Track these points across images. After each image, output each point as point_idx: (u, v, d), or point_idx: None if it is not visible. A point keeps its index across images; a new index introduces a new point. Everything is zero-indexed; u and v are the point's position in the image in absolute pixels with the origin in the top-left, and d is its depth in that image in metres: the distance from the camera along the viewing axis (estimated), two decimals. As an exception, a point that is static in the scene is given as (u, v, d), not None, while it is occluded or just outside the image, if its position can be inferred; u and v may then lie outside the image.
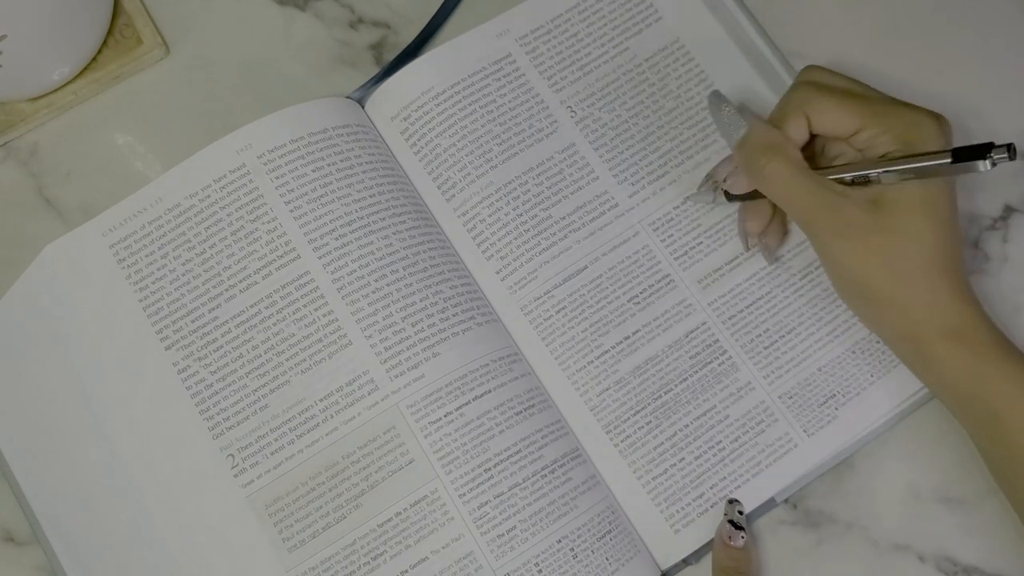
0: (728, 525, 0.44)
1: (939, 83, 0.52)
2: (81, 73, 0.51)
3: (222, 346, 0.46)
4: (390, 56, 0.52)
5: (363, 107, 0.50)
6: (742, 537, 0.44)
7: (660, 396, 0.47)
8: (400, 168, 0.49)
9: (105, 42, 0.51)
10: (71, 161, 0.51)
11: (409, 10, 0.53)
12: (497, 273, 0.48)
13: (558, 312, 0.47)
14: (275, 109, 0.48)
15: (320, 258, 0.46)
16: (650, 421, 0.46)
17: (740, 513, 0.45)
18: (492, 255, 0.48)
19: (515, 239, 0.48)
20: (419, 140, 0.49)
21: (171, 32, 0.52)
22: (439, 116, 0.49)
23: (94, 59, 0.51)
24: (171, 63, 0.52)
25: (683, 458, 0.46)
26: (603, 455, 0.46)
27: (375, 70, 0.52)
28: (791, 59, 0.51)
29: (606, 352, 0.47)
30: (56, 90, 0.50)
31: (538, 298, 0.48)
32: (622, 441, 0.46)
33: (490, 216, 0.48)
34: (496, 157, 0.49)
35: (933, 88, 0.51)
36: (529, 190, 0.49)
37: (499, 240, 0.48)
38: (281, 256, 0.46)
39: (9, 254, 0.49)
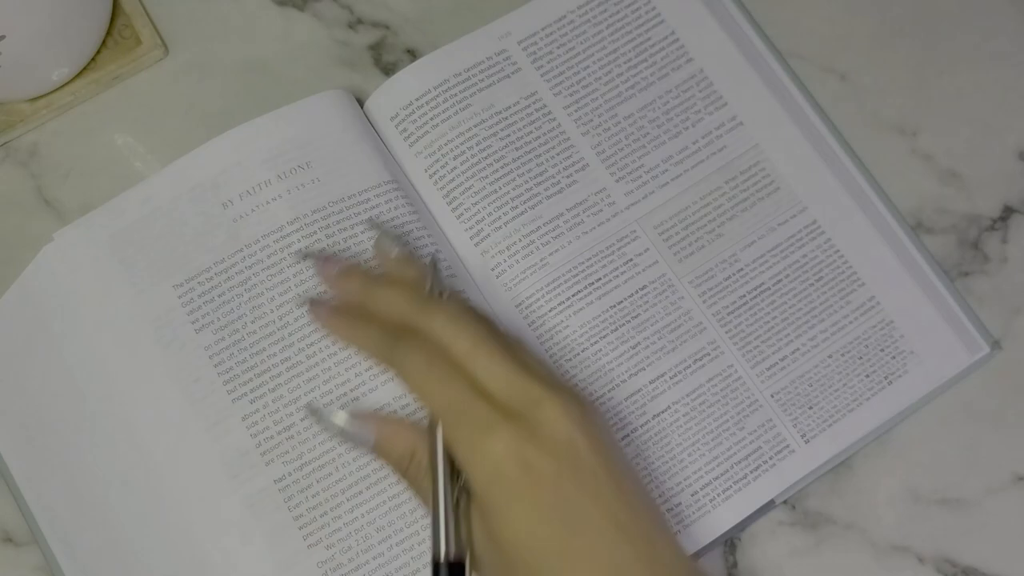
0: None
1: (939, 83, 0.52)
2: (80, 73, 0.51)
3: (221, 347, 0.46)
4: (390, 56, 0.52)
5: (363, 107, 0.50)
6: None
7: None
8: (400, 168, 0.49)
9: (104, 42, 0.51)
10: (70, 161, 0.51)
11: (409, 10, 0.53)
12: (492, 270, 0.48)
13: (555, 312, 0.47)
14: (274, 109, 0.48)
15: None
16: (649, 422, 0.46)
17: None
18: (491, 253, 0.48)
19: (516, 239, 0.48)
20: (419, 140, 0.49)
21: (170, 32, 0.52)
22: (440, 116, 0.49)
23: (93, 59, 0.51)
24: (170, 63, 0.52)
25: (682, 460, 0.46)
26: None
27: (374, 70, 0.52)
28: (791, 59, 0.51)
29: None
30: (55, 90, 0.50)
31: (536, 296, 0.48)
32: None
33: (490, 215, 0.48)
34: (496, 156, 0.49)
35: (933, 88, 0.52)
36: (530, 189, 0.49)
37: (500, 240, 0.48)
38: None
39: (9, 254, 0.49)
